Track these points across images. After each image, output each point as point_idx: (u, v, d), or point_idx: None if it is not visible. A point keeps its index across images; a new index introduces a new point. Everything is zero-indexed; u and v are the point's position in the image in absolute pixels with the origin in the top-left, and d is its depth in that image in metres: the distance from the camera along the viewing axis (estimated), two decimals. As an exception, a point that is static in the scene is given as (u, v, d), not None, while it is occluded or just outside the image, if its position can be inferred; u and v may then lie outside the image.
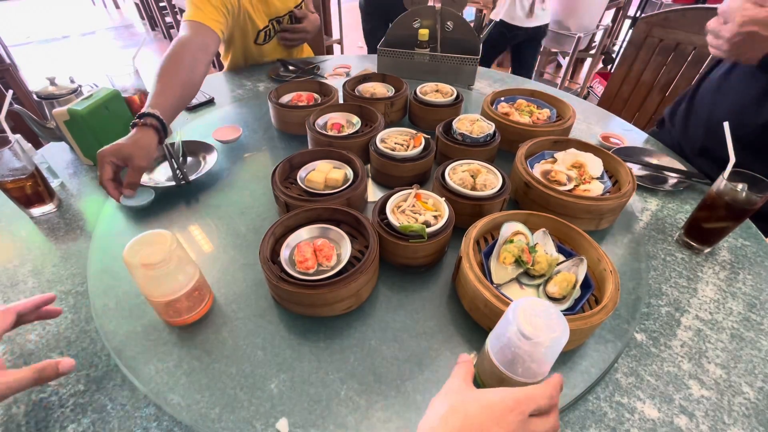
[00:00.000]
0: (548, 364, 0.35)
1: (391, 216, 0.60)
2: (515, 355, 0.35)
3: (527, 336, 0.33)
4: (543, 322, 0.34)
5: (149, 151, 0.71)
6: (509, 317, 0.34)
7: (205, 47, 0.98)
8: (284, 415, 0.46)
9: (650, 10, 2.44)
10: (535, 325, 0.33)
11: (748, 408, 0.48)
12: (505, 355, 0.35)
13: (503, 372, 0.35)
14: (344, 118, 0.91)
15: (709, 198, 0.64)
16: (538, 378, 0.35)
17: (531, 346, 0.33)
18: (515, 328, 0.33)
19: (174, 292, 0.50)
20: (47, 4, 5.58)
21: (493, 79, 1.32)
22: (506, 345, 0.35)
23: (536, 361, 0.35)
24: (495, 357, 0.36)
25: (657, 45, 1.28)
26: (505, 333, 0.35)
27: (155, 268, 0.46)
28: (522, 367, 0.35)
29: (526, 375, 0.35)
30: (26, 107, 0.95)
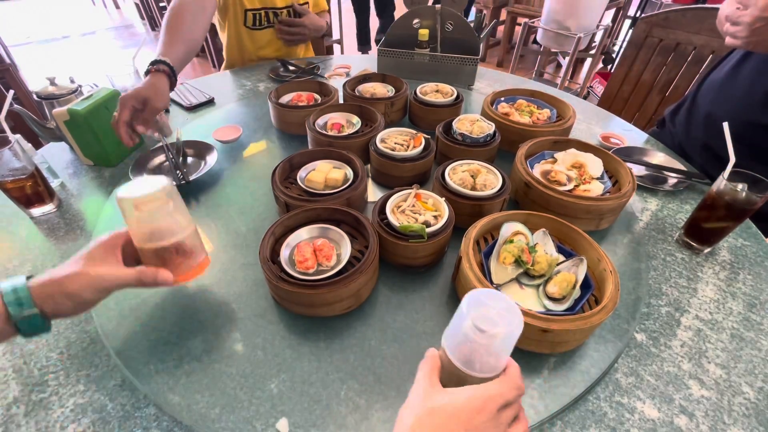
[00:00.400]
0: (506, 356, 0.34)
1: (391, 216, 0.60)
2: (472, 351, 0.33)
3: (482, 329, 0.31)
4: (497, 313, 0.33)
5: (164, 93, 0.79)
6: (463, 311, 0.33)
7: (203, 8, 1.04)
8: (284, 415, 0.46)
9: (650, 10, 2.44)
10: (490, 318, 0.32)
11: (748, 408, 0.48)
12: (462, 352, 0.34)
13: (462, 370, 0.34)
14: (344, 118, 0.91)
15: (709, 198, 0.64)
16: (497, 371, 0.34)
17: (487, 339, 0.32)
18: (470, 322, 0.32)
19: (163, 239, 0.47)
20: (47, 4, 5.58)
21: (493, 79, 1.32)
22: (462, 341, 0.34)
23: (493, 354, 0.33)
24: (452, 355, 0.34)
25: (657, 45, 1.28)
26: (460, 328, 0.33)
27: (146, 207, 0.44)
28: (480, 362, 0.33)
29: (485, 369, 0.34)
30: (26, 107, 0.95)
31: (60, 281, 0.43)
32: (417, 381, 0.35)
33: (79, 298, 0.44)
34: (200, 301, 0.58)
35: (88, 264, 0.44)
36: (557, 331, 0.47)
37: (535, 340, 0.49)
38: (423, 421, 0.31)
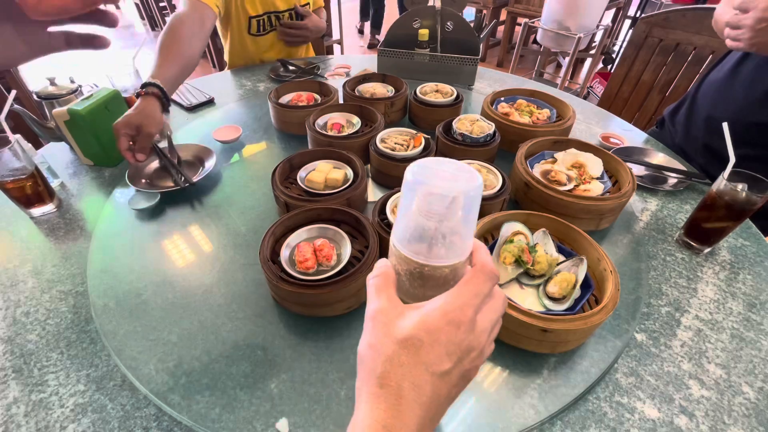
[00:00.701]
0: (471, 233, 0.28)
1: (391, 216, 0.60)
2: (432, 234, 0.27)
3: (441, 193, 0.25)
4: (450, 175, 0.26)
5: (155, 117, 0.78)
6: (409, 181, 0.26)
7: (201, 22, 1.03)
8: (284, 415, 0.46)
9: (650, 10, 2.44)
10: (445, 180, 0.26)
11: (748, 408, 0.48)
12: (420, 241, 0.27)
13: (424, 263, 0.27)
14: (344, 118, 0.91)
15: (709, 198, 0.64)
16: (465, 254, 0.28)
17: (447, 208, 0.25)
18: (422, 193, 0.26)
19: None
20: (47, 4, 5.57)
21: (493, 79, 1.32)
22: (417, 226, 0.27)
23: (456, 231, 0.27)
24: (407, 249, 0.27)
25: (657, 45, 1.28)
26: (410, 210, 0.26)
27: None
28: (444, 246, 0.27)
29: (450, 255, 0.27)
30: (26, 107, 0.95)
31: None
32: (369, 301, 0.28)
33: None
34: (200, 301, 0.58)
35: None
36: (557, 330, 0.47)
37: (535, 340, 0.49)
38: (394, 359, 0.24)
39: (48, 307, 0.59)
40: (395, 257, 0.29)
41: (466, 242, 0.28)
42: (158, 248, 0.68)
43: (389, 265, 0.30)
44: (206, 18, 1.06)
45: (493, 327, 0.28)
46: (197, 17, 1.02)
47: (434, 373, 0.24)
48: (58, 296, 0.60)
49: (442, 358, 0.24)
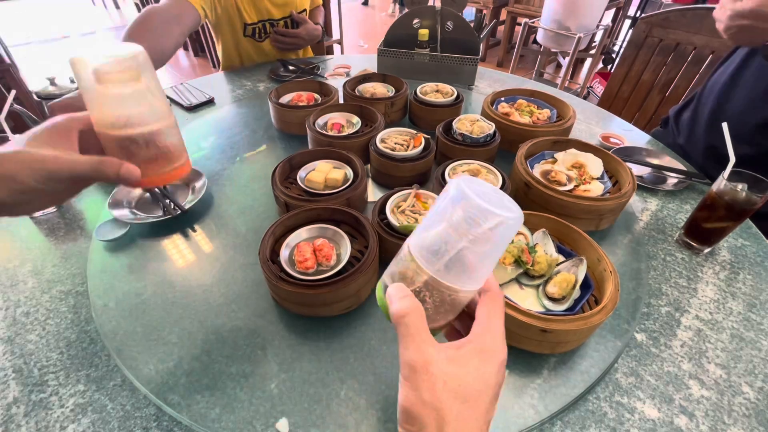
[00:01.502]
0: (493, 263, 0.27)
1: (391, 216, 0.60)
2: (458, 253, 0.25)
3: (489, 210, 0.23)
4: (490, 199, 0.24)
5: None
6: (452, 195, 0.25)
7: (178, 19, 0.96)
8: (284, 415, 0.46)
9: (650, 10, 2.44)
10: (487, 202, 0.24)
11: (748, 408, 0.48)
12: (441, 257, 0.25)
13: (452, 288, 0.25)
14: (344, 118, 0.91)
15: (709, 198, 0.64)
16: (481, 283, 0.27)
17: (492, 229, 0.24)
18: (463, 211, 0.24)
19: (132, 125, 0.37)
20: (47, 4, 5.58)
21: (493, 79, 1.32)
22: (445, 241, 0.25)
23: (486, 256, 0.25)
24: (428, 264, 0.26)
25: (657, 45, 1.28)
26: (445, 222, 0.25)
27: (110, 79, 0.34)
28: (473, 271, 0.25)
29: (468, 282, 0.26)
30: (26, 107, 0.95)
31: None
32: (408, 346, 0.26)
33: (16, 183, 0.33)
34: (200, 301, 0.58)
35: (32, 144, 0.35)
36: (557, 331, 0.47)
37: (534, 341, 0.49)
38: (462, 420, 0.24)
39: (48, 307, 0.59)
40: (412, 271, 0.27)
41: (488, 269, 0.27)
42: (158, 248, 0.68)
43: (411, 294, 0.27)
44: (185, 15, 0.98)
45: None
46: (175, 13, 0.96)
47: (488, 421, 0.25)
48: (58, 296, 0.60)
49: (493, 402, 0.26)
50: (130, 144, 0.38)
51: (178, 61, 3.81)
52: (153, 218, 0.70)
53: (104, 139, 0.38)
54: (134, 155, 0.38)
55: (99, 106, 0.37)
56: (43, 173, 0.34)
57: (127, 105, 0.36)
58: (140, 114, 0.37)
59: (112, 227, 0.69)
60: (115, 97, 0.36)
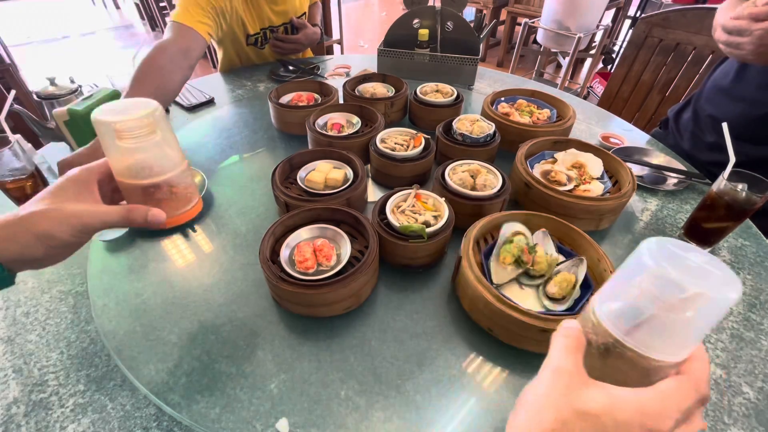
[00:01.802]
0: (702, 334, 0.24)
1: (391, 216, 0.60)
2: (650, 319, 0.23)
3: (683, 285, 0.21)
4: (698, 267, 0.22)
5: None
6: (645, 262, 0.23)
7: (186, 52, 0.96)
8: (284, 415, 0.46)
9: (650, 10, 2.44)
10: (689, 272, 0.22)
11: (748, 408, 0.48)
12: (631, 318, 0.23)
13: (628, 346, 0.23)
14: (344, 118, 0.91)
15: (709, 198, 0.64)
16: (679, 356, 0.24)
17: (686, 302, 0.21)
18: (661, 275, 0.22)
19: (152, 174, 0.41)
20: (47, 4, 5.58)
21: (493, 79, 1.32)
22: (635, 304, 0.23)
23: (683, 329, 0.23)
24: (615, 325, 0.24)
25: (657, 45, 1.28)
26: (636, 286, 0.23)
27: (129, 136, 0.38)
28: (662, 340, 0.23)
29: (666, 351, 0.23)
30: (26, 107, 0.95)
31: (26, 219, 0.35)
32: (553, 358, 0.26)
33: (53, 240, 0.36)
34: (200, 301, 0.58)
35: (60, 200, 0.37)
36: (557, 331, 0.47)
37: (534, 340, 0.49)
38: (568, 426, 0.23)
39: (48, 307, 0.59)
40: (593, 325, 0.26)
41: (687, 344, 0.24)
42: (158, 248, 0.68)
43: (580, 329, 0.27)
44: (192, 48, 0.97)
45: None
46: (182, 47, 0.94)
47: None
48: (58, 296, 0.60)
49: None
50: (152, 191, 0.42)
51: (178, 61, 3.80)
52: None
53: (127, 188, 0.42)
54: (156, 200, 0.42)
55: (122, 160, 0.40)
56: (78, 227, 0.37)
57: (148, 157, 0.40)
58: (160, 164, 0.41)
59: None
60: (136, 151, 0.39)
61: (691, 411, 0.23)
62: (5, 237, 0.34)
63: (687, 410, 0.23)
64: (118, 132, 0.37)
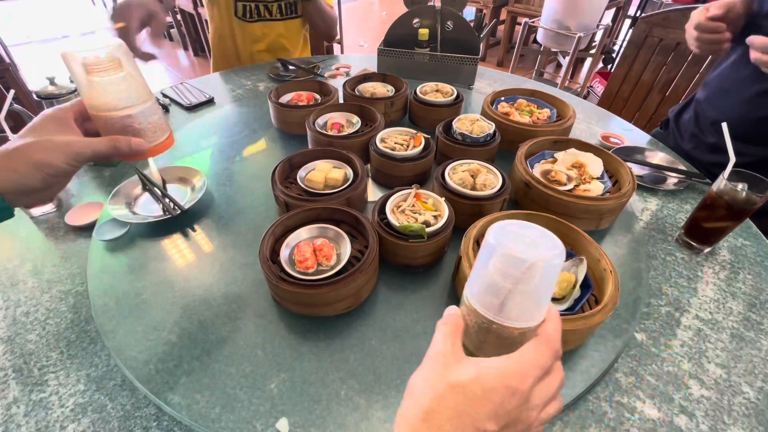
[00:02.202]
0: (547, 297, 0.28)
1: (391, 216, 0.60)
2: (506, 293, 0.27)
3: (520, 257, 0.25)
4: (532, 240, 0.27)
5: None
6: (490, 243, 0.27)
7: None
8: (284, 415, 0.46)
9: (650, 10, 2.44)
10: (525, 245, 0.26)
11: (748, 408, 0.48)
12: (492, 298, 0.28)
13: (493, 320, 0.28)
14: (344, 117, 0.91)
15: (709, 198, 0.64)
16: (537, 320, 0.28)
17: (525, 271, 0.26)
18: (501, 253, 0.26)
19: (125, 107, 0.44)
20: (47, 4, 5.58)
21: (493, 78, 1.32)
22: (492, 283, 0.27)
23: (532, 295, 0.27)
24: (479, 303, 0.28)
25: (657, 45, 1.28)
26: (487, 268, 0.27)
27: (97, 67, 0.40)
28: (516, 307, 0.27)
29: (521, 317, 0.28)
30: (26, 107, 0.95)
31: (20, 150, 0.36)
32: (434, 344, 0.29)
33: (50, 168, 0.37)
34: (200, 301, 0.58)
35: (45, 133, 0.39)
36: (557, 331, 0.47)
37: (535, 340, 0.49)
38: (444, 400, 0.25)
39: (48, 307, 0.59)
40: (466, 308, 0.30)
41: (540, 309, 0.28)
42: (158, 248, 0.68)
43: (459, 314, 0.30)
44: None
45: (546, 404, 0.28)
46: None
47: (477, 429, 0.24)
48: (58, 296, 0.60)
49: (489, 416, 0.24)
50: (128, 122, 0.44)
51: (178, 60, 3.81)
52: (153, 218, 0.70)
53: (102, 120, 0.44)
54: (131, 132, 0.45)
55: (95, 95, 0.42)
56: (72, 155, 0.39)
57: (120, 89, 0.43)
58: (131, 96, 0.44)
59: (112, 227, 0.68)
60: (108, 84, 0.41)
61: (548, 366, 0.27)
62: (3, 167, 0.36)
63: (544, 366, 0.27)
64: (89, 66, 0.39)
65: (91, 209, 0.75)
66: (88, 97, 0.43)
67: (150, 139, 0.47)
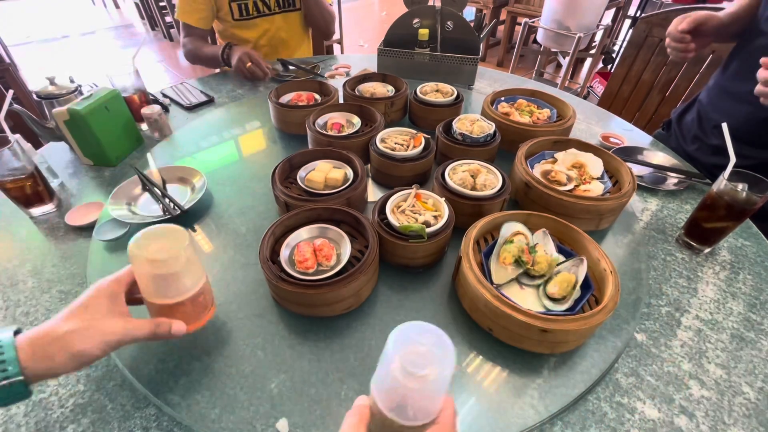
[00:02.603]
0: (441, 397, 0.31)
1: (391, 216, 0.60)
2: (403, 396, 0.29)
3: (411, 371, 0.28)
4: (427, 350, 0.29)
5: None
6: (389, 351, 0.29)
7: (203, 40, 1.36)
8: (284, 415, 0.46)
9: (650, 10, 2.44)
10: (420, 356, 0.29)
11: (748, 408, 0.48)
12: (392, 398, 0.30)
13: (395, 420, 0.30)
14: (344, 117, 0.91)
15: (709, 198, 0.64)
16: (432, 415, 0.31)
17: (418, 382, 0.28)
18: (398, 364, 0.28)
19: (180, 295, 0.44)
20: (47, 4, 5.58)
21: (493, 78, 1.32)
22: (391, 386, 0.29)
23: (427, 398, 0.30)
24: (382, 403, 0.30)
25: (657, 45, 1.28)
26: (387, 371, 0.29)
27: (163, 267, 0.41)
28: (413, 409, 0.30)
29: (419, 416, 0.30)
30: (26, 107, 0.95)
31: (63, 338, 0.36)
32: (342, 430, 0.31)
33: (85, 356, 0.37)
34: (200, 301, 0.58)
35: (95, 317, 0.39)
36: (557, 331, 0.47)
37: (534, 340, 0.49)
38: None
39: (48, 307, 0.59)
40: (373, 402, 0.31)
41: (436, 404, 0.31)
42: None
43: (367, 405, 0.32)
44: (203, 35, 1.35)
45: None
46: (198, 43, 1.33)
47: None
48: (58, 296, 0.60)
49: None
50: (177, 307, 0.45)
51: (178, 61, 3.81)
52: (153, 218, 0.69)
53: (155, 306, 0.45)
54: (179, 313, 0.46)
55: (152, 285, 0.43)
56: (112, 344, 0.39)
57: (174, 280, 0.43)
58: (185, 284, 0.44)
59: (112, 227, 0.68)
60: (164, 277, 0.42)
61: None
62: (43, 356, 0.36)
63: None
64: (153, 263, 0.40)
65: (91, 209, 0.75)
66: (145, 286, 0.43)
67: (193, 319, 0.47)
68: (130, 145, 0.92)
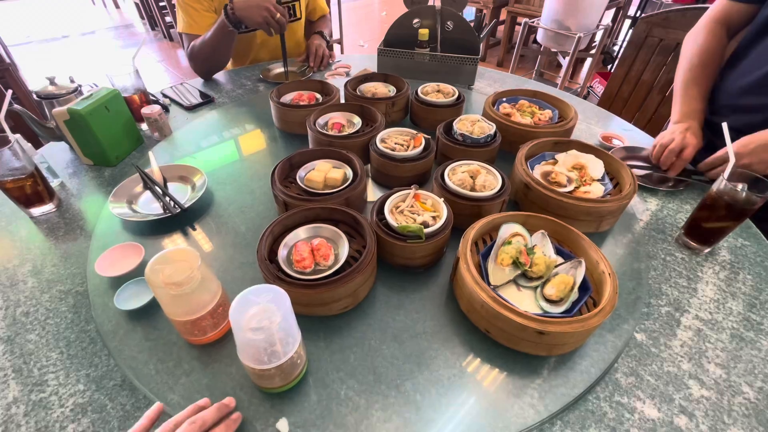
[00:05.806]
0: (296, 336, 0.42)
1: (390, 216, 0.60)
2: (265, 350, 0.39)
3: (259, 328, 0.37)
4: (263, 306, 0.38)
5: None
6: (235, 321, 0.38)
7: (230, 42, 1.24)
8: (284, 415, 0.46)
9: (650, 10, 2.44)
10: (258, 315, 0.38)
11: (748, 408, 0.48)
12: (258, 356, 0.40)
13: (264, 370, 0.41)
14: (345, 117, 0.91)
15: (709, 198, 0.64)
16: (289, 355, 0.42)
17: (268, 334, 0.37)
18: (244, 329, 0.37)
19: (199, 310, 0.47)
20: (47, 4, 5.58)
21: (493, 78, 1.32)
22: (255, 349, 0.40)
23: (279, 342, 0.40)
24: (251, 363, 0.41)
25: (657, 45, 1.28)
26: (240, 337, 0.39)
27: (179, 288, 0.44)
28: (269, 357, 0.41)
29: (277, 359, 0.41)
30: (26, 107, 0.95)
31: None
32: None
33: None
34: (200, 301, 0.58)
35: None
36: (554, 333, 0.47)
37: (531, 342, 0.49)
38: None
39: (48, 307, 0.59)
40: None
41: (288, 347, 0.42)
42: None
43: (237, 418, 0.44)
44: None
45: None
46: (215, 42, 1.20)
47: None
48: (58, 296, 0.60)
49: None
50: (199, 321, 0.49)
51: (178, 61, 3.81)
52: (153, 216, 0.70)
53: (177, 323, 0.49)
54: (202, 326, 0.50)
55: (171, 305, 0.47)
56: None
57: (192, 298, 0.47)
58: (203, 301, 0.48)
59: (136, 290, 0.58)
60: (182, 296, 0.45)
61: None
62: None
63: None
64: (167, 285, 0.43)
65: (127, 253, 0.62)
66: (166, 306, 0.47)
67: (215, 326, 0.51)
68: (130, 145, 0.92)
